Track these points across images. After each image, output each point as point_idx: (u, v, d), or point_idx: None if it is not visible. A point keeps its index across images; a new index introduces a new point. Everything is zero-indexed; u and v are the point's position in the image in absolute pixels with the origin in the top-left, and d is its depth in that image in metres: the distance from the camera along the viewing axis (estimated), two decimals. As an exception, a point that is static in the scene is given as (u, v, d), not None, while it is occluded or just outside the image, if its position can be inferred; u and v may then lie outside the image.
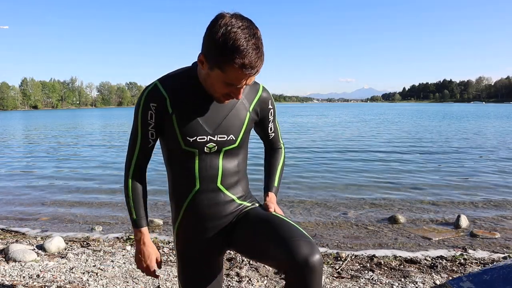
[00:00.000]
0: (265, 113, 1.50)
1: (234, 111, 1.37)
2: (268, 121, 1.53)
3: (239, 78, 1.18)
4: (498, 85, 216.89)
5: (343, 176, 7.32)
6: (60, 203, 5.61)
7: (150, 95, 1.32)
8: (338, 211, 4.94)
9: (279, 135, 1.63)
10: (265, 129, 1.56)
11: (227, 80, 1.20)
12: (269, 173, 1.59)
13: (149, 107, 1.31)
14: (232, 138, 1.37)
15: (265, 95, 1.47)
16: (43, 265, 2.93)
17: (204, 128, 1.32)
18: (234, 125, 1.37)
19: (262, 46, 1.18)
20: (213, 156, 1.37)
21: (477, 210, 4.94)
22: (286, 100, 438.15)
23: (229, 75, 1.18)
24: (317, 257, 1.16)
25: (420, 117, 34.94)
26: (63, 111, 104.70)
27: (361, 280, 2.65)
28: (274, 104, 1.54)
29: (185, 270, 1.45)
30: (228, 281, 2.63)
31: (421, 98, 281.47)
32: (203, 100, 1.33)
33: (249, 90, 1.42)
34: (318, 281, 1.16)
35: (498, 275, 1.66)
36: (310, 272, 1.15)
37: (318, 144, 13.31)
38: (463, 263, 2.99)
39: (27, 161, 10.40)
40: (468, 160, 9.13)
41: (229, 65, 1.15)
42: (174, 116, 1.31)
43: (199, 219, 1.40)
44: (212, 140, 1.34)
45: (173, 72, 1.38)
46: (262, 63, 1.19)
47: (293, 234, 1.22)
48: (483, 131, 18.17)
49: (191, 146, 1.33)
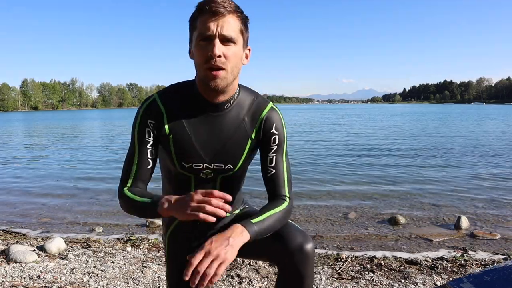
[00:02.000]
0: (266, 138, 1.28)
1: (234, 138, 1.26)
2: (270, 149, 1.28)
3: (205, 22, 1.12)
4: (498, 86, 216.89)
5: (343, 176, 7.32)
6: (60, 204, 5.61)
7: (147, 110, 1.24)
8: (339, 212, 4.94)
9: (284, 178, 1.28)
10: (264, 160, 1.29)
11: (199, 32, 1.13)
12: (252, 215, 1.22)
13: (147, 124, 1.23)
14: (230, 167, 1.29)
15: (270, 116, 1.28)
16: (43, 266, 2.93)
17: (200, 155, 1.25)
18: (233, 154, 1.27)
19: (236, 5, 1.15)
20: (209, 181, 1.32)
21: (477, 211, 4.94)
22: (286, 101, 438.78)
23: (199, 25, 1.13)
24: (310, 245, 1.19)
25: (420, 118, 34.91)
26: (64, 112, 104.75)
27: (362, 281, 2.65)
28: (284, 131, 1.30)
29: (174, 273, 1.42)
30: (229, 282, 2.63)
31: (422, 99, 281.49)
32: (203, 120, 1.24)
33: (256, 108, 1.28)
34: (311, 268, 1.20)
35: (498, 276, 1.66)
36: (303, 259, 1.18)
37: (318, 144, 13.31)
38: (464, 264, 2.99)
39: (27, 161, 10.40)
40: (468, 161, 9.11)
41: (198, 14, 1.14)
42: (171, 137, 1.23)
43: (191, 230, 1.42)
44: (209, 168, 1.28)
45: (174, 85, 1.31)
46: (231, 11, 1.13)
47: (287, 228, 1.25)
48: (484, 132, 18.15)
49: (187, 171, 1.29)
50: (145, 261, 3.05)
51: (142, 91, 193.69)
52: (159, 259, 3.13)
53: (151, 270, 2.85)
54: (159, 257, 3.18)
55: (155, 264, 2.99)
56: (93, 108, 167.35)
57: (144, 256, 3.18)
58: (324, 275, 2.74)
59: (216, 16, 1.11)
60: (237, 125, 1.26)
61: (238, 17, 1.16)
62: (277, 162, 1.28)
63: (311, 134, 18.43)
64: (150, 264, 2.97)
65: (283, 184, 1.28)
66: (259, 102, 1.29)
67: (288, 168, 1.30)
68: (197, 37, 1.14)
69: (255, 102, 1.29)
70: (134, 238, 3.85)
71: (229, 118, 1.25)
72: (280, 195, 1.28)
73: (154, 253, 3.29)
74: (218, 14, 1.11)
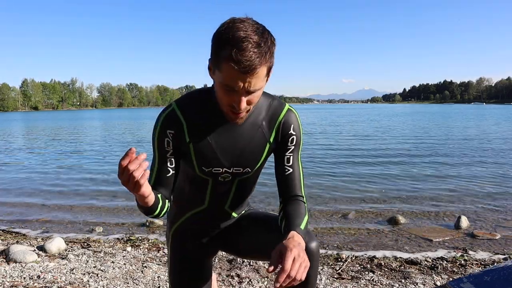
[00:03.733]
0: (285, 139, 1.29)
1: (253, 143, 1.26)
2: (287, 148, 1.29)
3: (234, 77, 1.03)
4: (498, 86, 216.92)
5: (343, 177, 7.32)
6: (60, 204, 5.61)
7: (166, 120, 1.22)
8: (339, 212, 4.94)
9: (301, 179, 1.30)
10: (280, 160, 1.30)
11: (225, 81, 1.06)
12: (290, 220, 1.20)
13: (166, 134, 1.22)
14: (248, 171, 1.31)
15: (288, 118, 1.28)
16: (43, 266, 2.93)
17: (220, 161, 1.26)
18: (252, 158, 1.28)
19: (266, 45, 1.03)
20: (226, 184, 1.34)
21: (477, 211, 4.94)
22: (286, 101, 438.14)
23: (225, 73, 1.04)
24: (314, 244, 1.19)
25: (420, 118, 34.91)
26: (64, 112, 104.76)
27: (362, 281, 2.65)
28: (300, 131, 1.30)
29: (177, 269, 1.46)
30: (229, 282, 2.63)
31: (422, 99, 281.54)
32: (222, 127, 1.24)
33: (273, 112, 1.27)
34: (315, 267, 1.20)
35: (498, 276, 1.66)
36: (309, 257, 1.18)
37: (318, 144, 13.31)
38: (464, 264, 2.99)
39: (27, 162, 10.40)
40: (469, 161, 9.11)
41: (223, 58, 1.02)
42: (191, 145, 1.24)
43: (198, 227, 1.45)
44: (228, 172, 1.30)
45: (192, 93, 1.29)
46: (262, 63, 1.03)
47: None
48: (484, 132, 18.15)
49: (206, 175, 1.30)
50: (145, 261, 3.05)
51: (142, 91, 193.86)
52: (159, 259, 3.13)
53: (151, 270, 2.85)
54: (159, 257, 3.18)
55: (155, 264, 2.99)
56: (93, 108, 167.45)
57: (144, 256, 3.18)
58: (324, 275, 2.75)
59: (245, 75, 1.02)
60: (255, 130, 1.26)
61: (267, 62, 1.05)
62: (293, 162, 1.29)
63: (311, 134, 18.42)
64: (150, 264, 2.97)
65: (299, 184, 1.29)
66: (276, 106, 1.28)
67: (302, 169, 1.32)
68: (221, 83, 1.07)
69: (272, 105, 1.28)
70: (134, 238, 3.85)
71: (247, 124, 1.25)
72: (297, 195, 1.28)
73: (154, 253, 3.29)
74: (247, 73, 1.02)
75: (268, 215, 1.45)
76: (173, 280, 1.46)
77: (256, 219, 1.45)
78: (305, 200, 1.29)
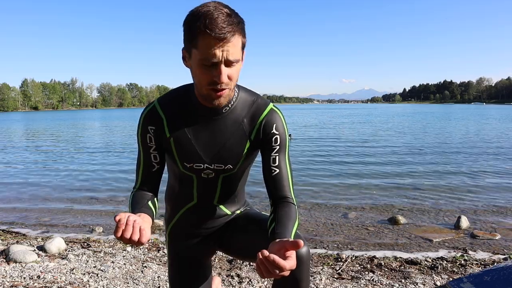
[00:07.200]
0: (268, 139, 1.27)
1: (232, 139, 1.26)
2: (272, 148, 1.27)
3: (210, 46, 1.04)
4: (499, 86, 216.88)
5: (343, 177, 7.32)
6: (61, 204, 5.61)
7: (148, 116, 1.27)
8: (339, 212, 4.94)
9: (289, 179, 1.26)
10: (266, 160, 1.27)
11: (203, 55, 1.06)
12: (280, 226, 1.14)
13: (148, 130, 1.27)
14: (230, 167, 1.31)
15: (270, 117, 1.27)
16: (43, 266, 2.93)
17: (200, 156, 1.28)
18: (232, 155, 1.28)
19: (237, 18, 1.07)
20: (211, 181, 1.35)
21: (477, 211, 4.94)
22: (286, 101, 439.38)
23: (201, 46, 1.05)
24: (304, 249, 1.17)
25: (421, 118, 34.90)
26: (64, 112, 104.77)
27: (362, 281, 2.65)
28: (285, 131, 1.29)
29: (176, 268, 1.47)
30: (229, 282, 2.63)
31: (422, 99, 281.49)
32: (201, 123, 1.26)
33: (255, 110, 1.27)
34: (306, 272, 1.19)
35: (498, 276, 1.66)
36: (298, 264, 1.17)
37: (318, 144, 13.31)
38: (464, 264, 2.99)
39: (28, 162, 10.40)
40: (469, 161, 9.12)
41: (198, 32, 1.05)
42: (172, 140, 1.26)
43: (193, 225, 1.45)
44: (209, 168, 1.30)
45: (174, 90, 1.32)
46: (235, 31, 1.06)
47: None
48: (484, 133, 18.15)
49: (189, 171, 1.32)
50: (145, 261, 3.05)
51: (142, 91, 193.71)
52: (159, 259, 3.13)
53: (151, 270, 2.85)
54: (159, 257, 3.18)
55: (155, 264, 2.99)
56: (93, 108, 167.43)
57: (144, 256, 3.18)
58: (324, 275, 2.74)
59: (221, 42, 1.04)
60: (236, 126, 1.26)
61: (240, 34, 1.09)
62: (280, 162, 1.26)
63: (311, 134, 18.43)
64: (150, 264, 2.97)
65: (287, 185, 1.25)
66: (259, 104, 1.28)
67: (291, 169, 1.28)
68: (199, 59, 1.08)
69: (255, 103, 1.28)
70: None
71: (228, 120, 1.26)
72: (285, 197, 1.24)
73: (154, 253, 3.29)
74: (223, 40, 1.04)
75: (263, 218, 1.43)
76: (171, 279, 1.47)
77: (251, 220, 1.44)
78: (294, 202, 1.25)
